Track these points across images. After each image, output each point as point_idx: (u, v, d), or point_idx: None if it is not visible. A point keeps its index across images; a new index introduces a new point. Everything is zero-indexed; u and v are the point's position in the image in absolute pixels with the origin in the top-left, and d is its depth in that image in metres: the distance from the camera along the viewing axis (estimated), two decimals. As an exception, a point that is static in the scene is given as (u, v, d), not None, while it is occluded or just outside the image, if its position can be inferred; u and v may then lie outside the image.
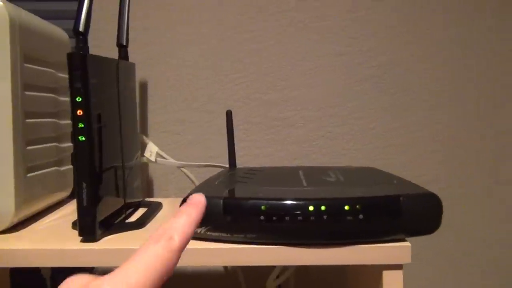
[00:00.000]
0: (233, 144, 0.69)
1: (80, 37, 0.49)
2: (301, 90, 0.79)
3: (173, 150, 0.79)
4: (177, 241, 0.26)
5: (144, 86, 0.79)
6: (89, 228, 0.49)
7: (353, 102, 0.80)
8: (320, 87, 0.79)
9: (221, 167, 0.72)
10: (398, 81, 0.80)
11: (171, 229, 0.27)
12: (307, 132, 0.80)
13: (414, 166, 0.81)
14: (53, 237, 0.52)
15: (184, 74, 0.79)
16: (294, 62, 0.79)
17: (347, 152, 0.80)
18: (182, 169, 0.74)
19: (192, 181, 0.73)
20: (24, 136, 0.54)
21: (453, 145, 0.81)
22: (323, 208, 0.46)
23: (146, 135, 0.78)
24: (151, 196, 0.80)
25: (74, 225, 0.55)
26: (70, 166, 0.69)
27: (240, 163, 0.71)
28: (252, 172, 0.63)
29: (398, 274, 0.47)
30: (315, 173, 0.61)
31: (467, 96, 0.80)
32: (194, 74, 0.79)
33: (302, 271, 0.77)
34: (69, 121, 0.68)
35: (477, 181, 0.81)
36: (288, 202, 0.46)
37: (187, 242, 0.27)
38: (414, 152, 0.81)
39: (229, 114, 0.69)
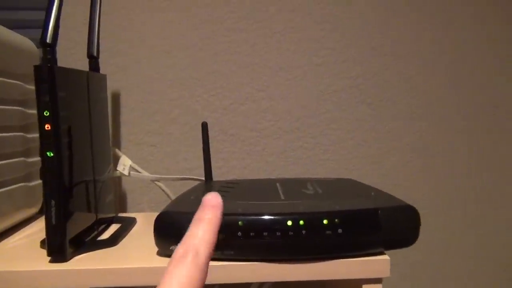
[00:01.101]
0: (209, 157, 0.67)
1: (48, 48, 0.47)
2: (278, 100, 0.79)
3: (147, 162, 0.77)
4: (203, 255, 0.25)
5: (116, 98, 0.77)
6: (58, 247, 0.47)
7: (330, 113, 0.79)
8: (297, 98, 0.79)
9: (197, 179, 0.70)
10: (375, 92, 0.80)
11: (195, 243, 0.25)
12: (284, 143, 0.79)
13: (391, 176, 0.81)
14: (20, 258, 0.49)
15: (158, 85, 0.77)
16: (271, 73, 0.78)
17: (325, 163, 0.80)
18: (157, 182, 0.72)
19: (167, 195, 0.72)
20: (-11, 151, 0.51)
21: (429, 155, 0.81)
22: (301, 222, 0.45)
23: (119, 148, 0.76)
24: (125, 211, 0.78)
25: (42, 244, 0.53)
26: (39, 181, 0.66)
27: (217, 174, 0.70)
28: (229, 186, 0.62)
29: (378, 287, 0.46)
30: (293, 186, 0.60)
31: (443, 107, 0.81)
32: (169, 85, 0.77)
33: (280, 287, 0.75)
34: (37, 135, 0.66)
35: (453, 191, 0.82)
36: (266, 217, 0.45)
37: (212, 252, 0.25)
38: (391, 162, 0.81)
39: (204, 126, 0.68)
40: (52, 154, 0.46)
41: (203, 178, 0.68)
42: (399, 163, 0.81)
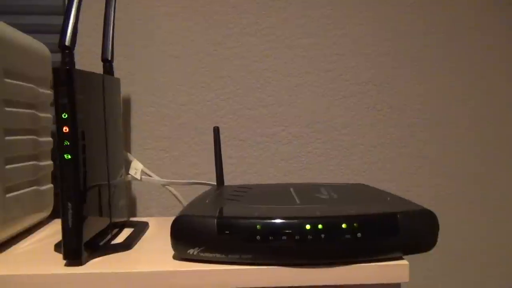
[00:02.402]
0: (221, 161, 0.67)
1: (66, 51, 0.46)
2: (288, 106, 0.79)
3: (157, 167, 0.77)
4: None
5: (128, 102, 0.77)
6: (74, 251, 0.46)
7: (340, 118, 0.80)
8: (307, 103, 0.79)
9: (208, 184, 0.70)
10: (384, 98, 0.80)
11: None
12: (294, 148, 0.79)
13: (400, 182, 0.81)
14: (35, 261, 0.49)
15: (169, 89, 0.77)
16: (281, 78, 0.79)
17: (334, 168, 0.80)
18: (168, 187, 0.72)
19: (178, 200, 0.71)
20: (3, 154, 0.51)
21: (438, 161, 0.81)
22: (320, 226, 0.45)
23: (130, 152, 0.76)
24: (134, 215, 0.77)
25: (57, 247, 0.52)
26: (50, 185, 0.66)
27: (226, 179, 0.70)
28: (241, 190, 0.61)
29: (397, 293, 0.46)
30: (307, 190, 0.60)
31: (452, 113, 0.81)
32: (180, 90, 0.77)
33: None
34: (48, 139, 0.66)
35: (462, 197, 0.82)
36: (285, 221, 0.45)
37: None
38: (400, 168, 0.81)
39: (216, 131, 0.68)
40: (69, 157, 0.46)
41: (214, 183, 0.68)
42: (408, 169, 0.81)
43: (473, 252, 0.83)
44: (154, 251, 0.52)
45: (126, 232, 0.59)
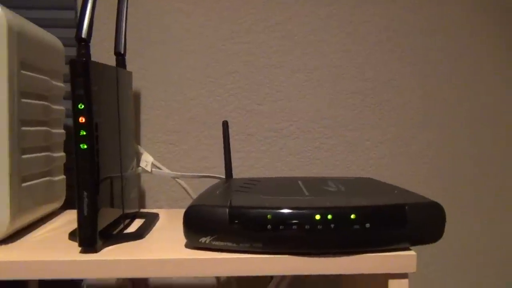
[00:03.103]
0: (230, 155, 0.68)
1: (83, 43, 0.48)
2: (296, 101, 0.80)
3: (165, 160, 0.78)
4: None
5: (139, 96, 0.78)
6: (89, 238, 0.48)
7: (347, 114, 0.80)
8: (314, 99, 0.80)
9: (217, 177, 0.71)
10: (390, 94, 0.81)
11: None
12: (301, 143, 0.80)
13: (405, 178, 0.82)
14: (50, 249, 0.50)
15: (178, 84, 0.78)
16: (289, 74, 0.80)
17: (340, 163, 0.81)
18: (177, 179, 0.73)
19: (188, 192, 0.72)
20: (20, 145, 0.52)
21: (442, 157, 0.82)
22: (329, 217, 0.46)
23: (140, 145, 0.77)
24: (143, 207, 0.79)
25: (71, 236, 0.54)
26: (62, 177, 0.67)
27: (235, 173, 0.71)
28: (250, 182, 0.62)
29: (404, 283, 0.47)
30: (315, 183, 0.61)
31: (455, 113, 0.82)
32: (189, 84, 0.79)
33: (297, 283, 0.76)
34: (61, 130, 0.67)
35: (466, 193, 0.83)
36: (295, 211, 0.46)
37: None
38: (406, 164, 0.82)
39: (225, 125, 0.69)
40: (85, 147, 0.47)
41: (223, 176, 0.69)
42: (413, 165, 0.82)
43: (473, 249, 0.83)
44: (166, 240, 0.53)
45: (138, 223, 0.60)
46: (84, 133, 0.47)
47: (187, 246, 0.50)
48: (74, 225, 0.49)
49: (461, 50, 0.82)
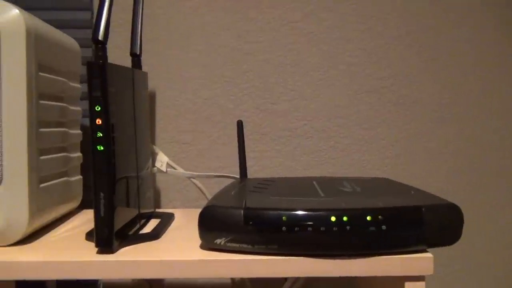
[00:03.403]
0: (244, 154, 0.68)
1: (99, 45, 0.48)
2: (310, 100, 0.79)
3: (182, 160, 0.78)
4: None
5: (153, 95, 0.78)
6: (106, 239, 0.48)
7: (362, 113, 0.80)
8: (329, 98, 0.79)
9: (232, 177, 0.71)
10: (407, 92, 0.80)
11: None
12: (316, 142, 0.80)
13: (423, 176, 0.81)
14: (68, 249, 0.51)
15: (191, 83, 0.79)
16: (303, 72, 0.79)
17: (356, 163, 0.80)
18: (192, 179, 0.73)
19: (202, 192, 0.73)
20: (38, 146, 0.53)
21: (461, 157, 0.81)
22: (345, 218, 0.45)
23: (155, 145, 0.77)
24: (158, 207, 0.79)
25: (88, 236, 0.54)
26: (79, 177, 0.68)
27: (249, 173, 0.71)
28: (265, 183, 0.62)
29: (421, 285, 0.47)
30: (330, 184, 0.60)
31: (475, 109, 0.81)
32: (203, 84, 0.79)
33: (311, 285, 0.76)
34: (78, 131, 0.68)
35: (486, 192, 0.82)
36: (310, 212, 0.46)
37: None
38: (423, 163, 0.81)
39: (240, 124, 0.69)
40: (102, 148, 0.47)
41: (238, 176, 0.69)
42: (431, 164, 0.81)
43: (495, 248, 0.82)
44: (182, 240, 0.53)
45: (153, 223, 0.61)
46: (101, 134, 0.47)
47: (202, 247, 0.50)
48: (91, 225, 0.50)
49: (486, 43, 0.80)
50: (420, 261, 0.46)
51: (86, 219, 0.65)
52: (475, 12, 0.80)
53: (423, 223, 0.46)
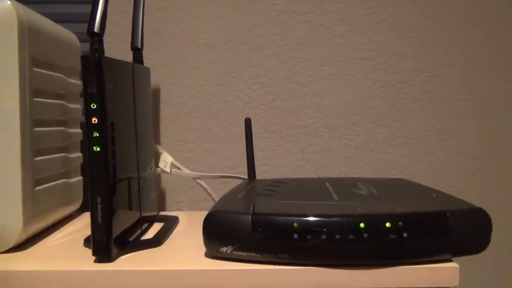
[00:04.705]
0: (253, 154, 0.65)
1: (95, 38, 0.45)
2: (322, 96, 0.76)
3: (187, 160, 0.75)
4: None
5: (157, 92, 0.75)
6: (104, 247, 0.45)
7: (377, 109, 0.76)
8: (343, 93, 0.76)
9: (239, 178, 0.68)
10: (425, 87, 0.76)
11: None
12: (328, 140, 0.76)
13: (442, 176, 0.77)
14: (64, 257, 0.48)
15: (197, 79, 0.75)
16: (315, 67, 0.75)
17: (370, 162, 0.76)
18: (198, 180, 0.70)
19: (209, 193, 0.69)
20: (33, 146, 0.50)
21: (482, 155, 0.77)
22: (362, 225, 0.42)
23: (159, 144, 0.74)
24: (163, 209, 0.76)
25: (86, 242, 0.51)
26: (79, 178, 0.65)
27: (258, 173, 0.68)
28: (275, 185, 0.59)
29: (445, 298, 0.43)
30: (344, 186, 0.57)
31: (495, 103, 0.77)
32: (210, 80, 0.75)
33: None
34: (78, 130, 0.64)
35: (509, 192, 0.77)
36: (324, 219, 0.42)
37: None
38: (441, 162, 0.77)
39: (248, 122, 0.65)
40: (98, 149, 0.44)
41: (246, 177, 0.66)
42: (450, 164, 0.77)
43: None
44: (185, 248, 0.50)
45: (156, 227, 0.57)
46: (97, 134, 0.44)
47: (207, 255, 0.46)
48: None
49: (508, 38, 0.76)
50: (444, 272, 0.43)
51: (86, 223, 0.62)
52: (497, 5, 0.75)
53: (448, 230, 0.42)
